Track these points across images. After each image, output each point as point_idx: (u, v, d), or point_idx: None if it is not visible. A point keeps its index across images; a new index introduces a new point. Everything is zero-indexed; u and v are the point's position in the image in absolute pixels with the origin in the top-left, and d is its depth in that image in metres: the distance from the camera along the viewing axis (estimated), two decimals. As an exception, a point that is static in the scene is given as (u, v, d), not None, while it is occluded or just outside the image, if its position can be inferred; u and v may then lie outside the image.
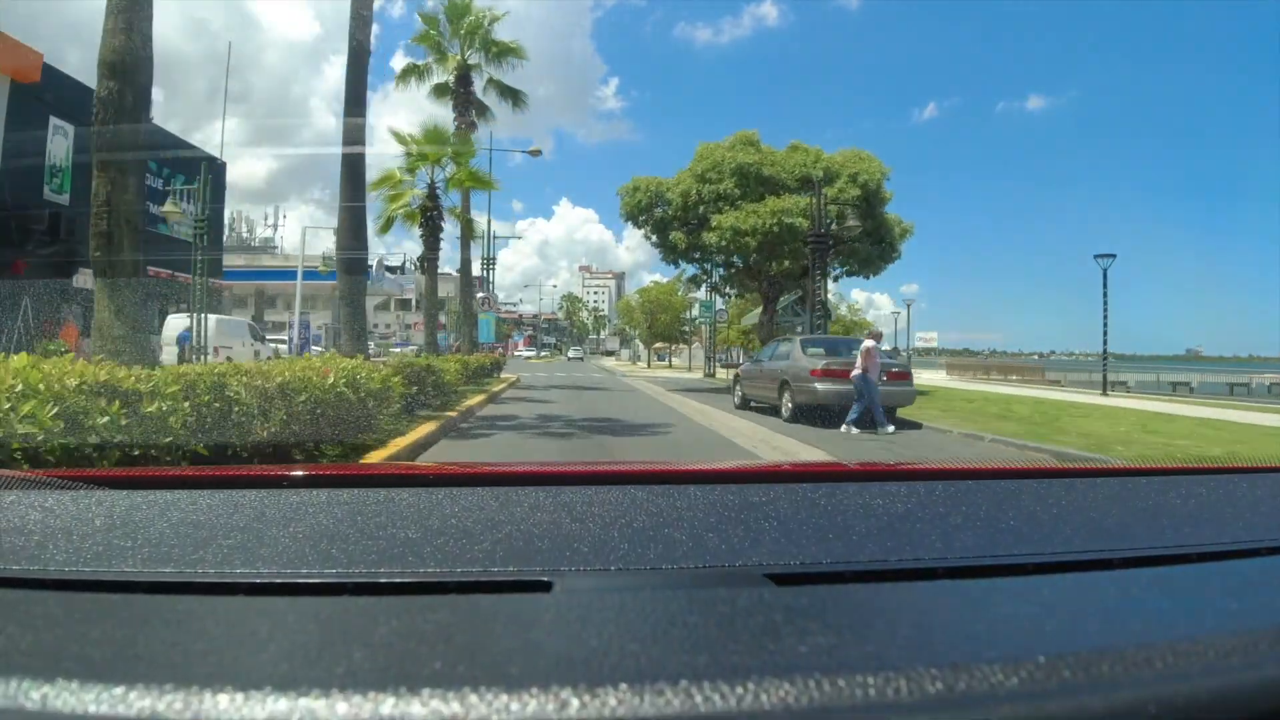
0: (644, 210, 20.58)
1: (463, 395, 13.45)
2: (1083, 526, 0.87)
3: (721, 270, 23.10)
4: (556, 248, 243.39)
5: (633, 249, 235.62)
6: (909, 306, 43.25)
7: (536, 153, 24.85)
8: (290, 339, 33.30)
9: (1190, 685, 0.47)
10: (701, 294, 43.00)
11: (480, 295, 25.22)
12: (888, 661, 0.47)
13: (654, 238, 21.22)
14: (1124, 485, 1.06)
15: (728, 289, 23.93)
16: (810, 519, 0.84)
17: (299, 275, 34.51)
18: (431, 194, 15.70)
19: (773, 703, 0.43)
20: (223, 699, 0.42)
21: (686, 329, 53.16)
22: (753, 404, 13.71)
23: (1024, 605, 0.63)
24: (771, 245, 18.59)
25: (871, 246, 20.27)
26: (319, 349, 41.38)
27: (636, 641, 0.51)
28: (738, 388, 14.47)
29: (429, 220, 15.50)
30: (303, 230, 32.14)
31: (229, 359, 15.10)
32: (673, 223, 20.26)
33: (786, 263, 19.75)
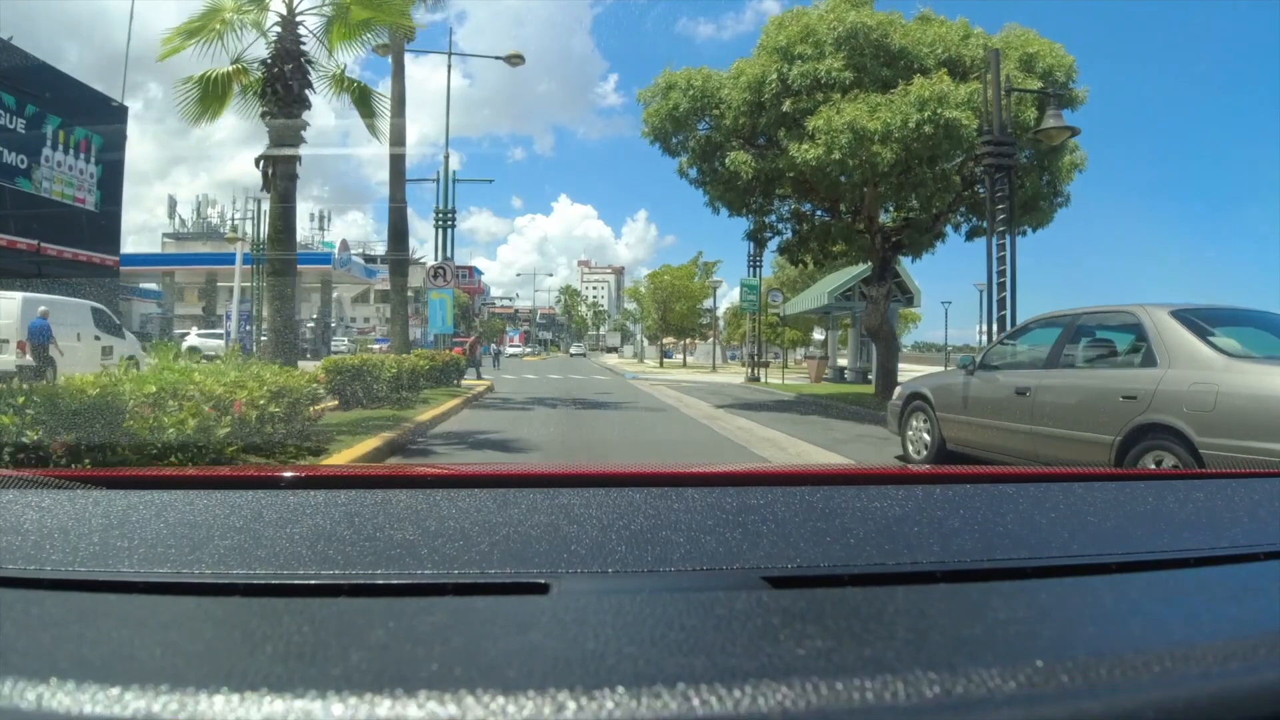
0: (681, 123, 12.69)
1: (319, 449, 5.90)
2: (1080, 530, 0.85)
3: (791, 227, 15.11)
4: (555, 244, 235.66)
5: (632, 245, 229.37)
6: (983, 293, 35.15)
7: (518, 60, 16.95)
8: (226, 333, 25.35)
9: (1188, 690, 0.47)
10: (717, 282, 33.99)
11: (430, 264, 17.31)
12: (885, 665, 0.48)
13: (695, 169, 13.44)
14: (1122, 489, 1.05)
15: (802, 254, 15.84)
16: (807, 522, 0.83)
17: (238, 260, 26.60)
18: (288, 37, 7.78)
19: (769, 706, 0.43)
20: (218, 700, 0.42)
21: (704, 321, 45.40)
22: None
23: (1022, 609, 0.62)
24: (909, 162, 10.79)
25: (1039, 179, 12.52)
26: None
27: (633, 644, 0.51)
28: (915, 421, 6.80)
29: (277, 86, 7.64)
30: (239, 198, 24.08)
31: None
32: (730, 140, 12.49)
33: (933, 201, 11.79)
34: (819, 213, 14.53)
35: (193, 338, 29.63)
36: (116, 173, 27.06)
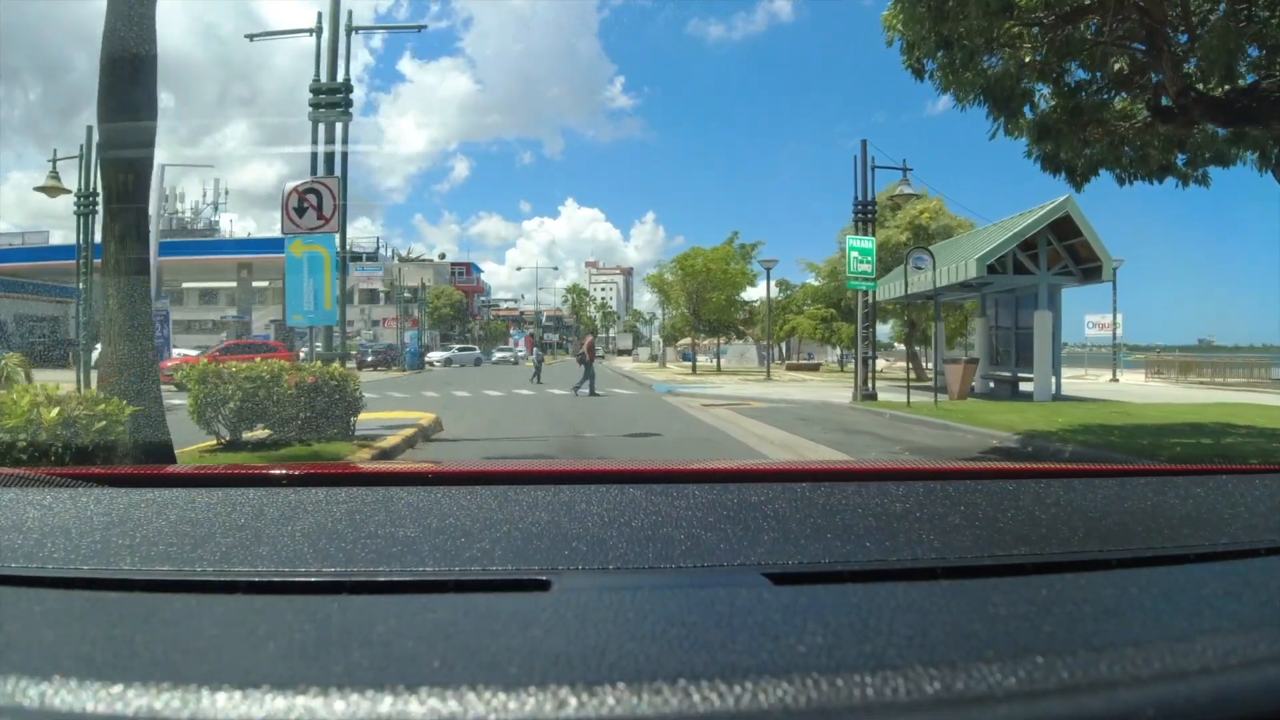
0: None
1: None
2: (1081, 527, 0.85)
3: (1068, 81, 6.73)
4: (563, 247, 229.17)
5: (640, 247, 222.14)
6: (1115, 270, 26.38)
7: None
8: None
9: (1188, 686, 0.47)
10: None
11: (289, 186, 7.61)
12: (886, 661, 0.47)
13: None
14: (1122, 486, 1.03)
15: (1077, 134, 7.72)
16: (808, 518, 0.82)
17: (153, 248, 18.25)
18: None
19: (770, 702, 0.43)
20: (221, 697, 0.42)
21: (741, 315, 37.62)
22: None
23: (1022, 605, 0.62)
24: None
25: None
26: (189, 352, 26.80)
27: (634, 641, 0.51)
28: None
29: None
30: (160, 168, 16.09)
31: None
32: None
33: None
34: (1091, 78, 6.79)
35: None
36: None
